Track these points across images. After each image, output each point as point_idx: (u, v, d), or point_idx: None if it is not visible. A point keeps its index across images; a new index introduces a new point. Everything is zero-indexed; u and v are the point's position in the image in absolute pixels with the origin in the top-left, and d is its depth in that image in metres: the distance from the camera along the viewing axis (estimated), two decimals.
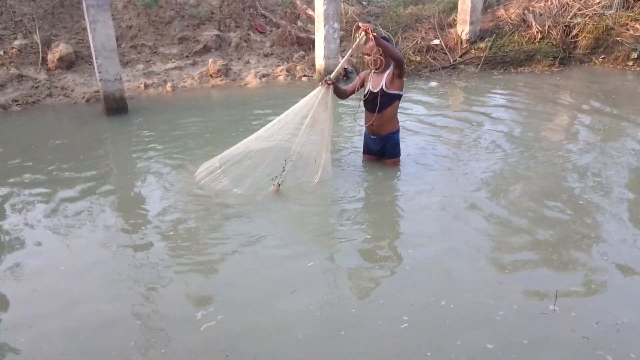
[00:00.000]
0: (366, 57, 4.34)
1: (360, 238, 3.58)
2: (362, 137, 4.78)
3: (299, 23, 9.74)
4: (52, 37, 7.97)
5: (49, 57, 7.61)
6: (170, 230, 3.63)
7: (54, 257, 3.37)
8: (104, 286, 3.06)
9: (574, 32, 9.51)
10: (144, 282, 3.07)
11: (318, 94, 4.23)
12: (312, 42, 8.73)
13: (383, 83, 4.29)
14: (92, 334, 2.65)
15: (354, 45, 4.30)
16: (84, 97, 7.27)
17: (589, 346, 2.52)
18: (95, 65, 6.42)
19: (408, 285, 3.01)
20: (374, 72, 4.36)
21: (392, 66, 4.27)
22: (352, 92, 4.57)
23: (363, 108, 4.52)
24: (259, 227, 3.65)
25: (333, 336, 2.60)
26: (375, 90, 4.33)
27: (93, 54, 6.40)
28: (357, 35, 4.12)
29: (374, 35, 4.01)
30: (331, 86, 4.24)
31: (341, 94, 4.47)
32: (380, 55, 4.20)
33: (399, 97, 4.39)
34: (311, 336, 2.61)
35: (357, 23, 4.16)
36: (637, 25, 9.19)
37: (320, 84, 4.29)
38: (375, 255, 3.40)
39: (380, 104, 4.32)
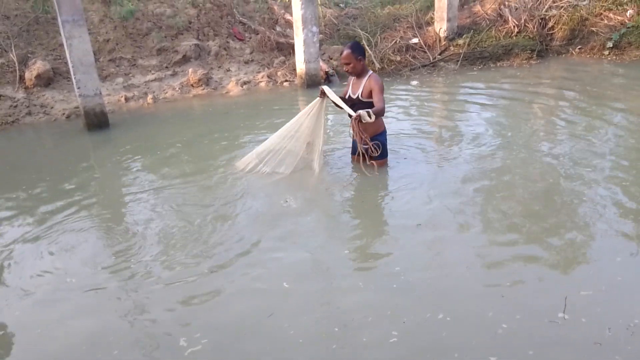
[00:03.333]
0: (345, 66, 4.36)
1: (343, 251, 3.42)
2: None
3: (278, 28, 9.74)
4: (29, 55, 7.87)
5: (27, 75, 7.52)
6: (153, 251, 3.50)
7: (31, 281, 3.26)
8: (81, 314, 2.93)
9: (550, 24, 9.64)
10: (124, 309, 2.94)
11: (316, 104, 4.45)
12: (292, 46, 8.73)
13: (360, 91, 4.34)
14: None
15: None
16: (64, 114, 7.19)
17: (602, 352, 2.44)
18: (74, 81, 6.36)
19: (398, 299, 2.88)
20: (354, 77, 4.44)
21: (370, 78, 4.31)
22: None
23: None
24: (239, 243, 3.53)
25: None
26: (354, 97, 4.39)
27: (71, 70, 6.34)
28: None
29: (358, 120, 4.08)
30: (325, 98, 4.41)
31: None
32: (358, 62, 4.28)
33: None
34: None
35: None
36: (611, 15, 9.34)
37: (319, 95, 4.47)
38: (360, 271, 3.21)
39: (357, 111, 4.35)
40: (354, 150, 4.76)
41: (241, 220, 3.89)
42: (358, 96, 4.35)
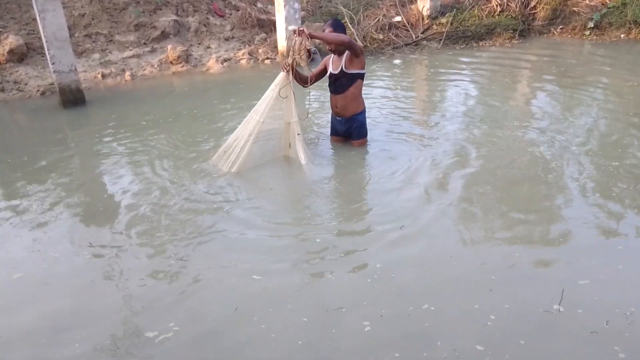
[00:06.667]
0: (328, 45, 4.28)
1: (316, 241, 3.25)
2: (330, 118, 4.74)
3: (259, 5, 9.56)
4: (0, 29, 7.60)
5: None
6: (123, 235, 3.39)
7: None
8: (42, 302, 2.81)
9: (532, 3, 9.63)
10: (88, 297, 2.83)
11: (280, 80, 4.13)
12: (273, 23, 8.58)
13: (342, 64, 4.28)
14: None
15: (294, 48, 4.04)
16: (38, 90, 6.99)
17: (600, 341, 2.36)
18: (48, 56, 6.17)
19: (376, 292, 2.76)
20: (335, 55, 4.38)
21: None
22: (315, 79, 4.55)
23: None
24: (211, 232, 3.42)
25: (288, 352, 2.41)
26: (336, 72, 4.34)
27: (45, 45, 6.15)
28: (293, 38, 3.99)
29: (309, 33, 3.95)
30: (290, 72, 4.11)
31: (304, 81, 4.39)
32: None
33: (360, 76, 4.36)
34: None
35: (291, 30, 4.08)
36: None
37: (282, 68, 4.17)
38: (334, 263, 3.04)
39: (342, 85, 4.35)
40: (334, 131, 4.72)
41: (214, 207, 3.72)
42: (342, 69, 4.29)
